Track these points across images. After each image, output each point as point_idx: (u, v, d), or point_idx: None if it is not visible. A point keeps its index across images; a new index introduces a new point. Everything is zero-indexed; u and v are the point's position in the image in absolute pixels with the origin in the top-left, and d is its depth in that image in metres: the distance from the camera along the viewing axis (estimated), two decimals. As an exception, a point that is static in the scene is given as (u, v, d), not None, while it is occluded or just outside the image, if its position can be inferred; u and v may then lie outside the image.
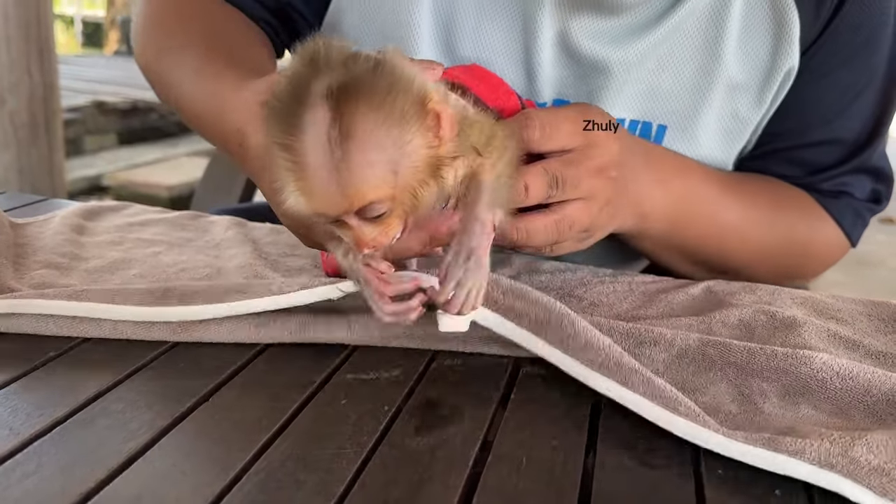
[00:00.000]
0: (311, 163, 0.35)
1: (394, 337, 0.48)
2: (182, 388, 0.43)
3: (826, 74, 0.66)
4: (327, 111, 0.35)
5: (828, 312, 0.57)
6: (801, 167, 0.71)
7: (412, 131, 0.36)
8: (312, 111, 0.35)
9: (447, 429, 0.40)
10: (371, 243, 0.39)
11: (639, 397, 0.39)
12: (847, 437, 0.37)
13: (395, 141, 0.36)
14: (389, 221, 0.38)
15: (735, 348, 0.46)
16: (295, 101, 0.35)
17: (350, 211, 0.37)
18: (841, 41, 0.65)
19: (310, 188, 0.36)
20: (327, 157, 0.35)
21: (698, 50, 0.64)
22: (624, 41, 0.64)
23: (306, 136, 0.35)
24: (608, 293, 0.60)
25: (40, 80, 2.29)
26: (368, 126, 0.35)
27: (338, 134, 0.34)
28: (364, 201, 0.36)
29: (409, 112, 0.36)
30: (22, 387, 0.43)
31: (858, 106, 0.68)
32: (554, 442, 0.40)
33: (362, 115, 0.35)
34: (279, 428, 0.40)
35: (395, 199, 0.37)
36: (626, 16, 0.63)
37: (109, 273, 0.58)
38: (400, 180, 0.37)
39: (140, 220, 0.73)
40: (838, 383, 0.43)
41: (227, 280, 0.57)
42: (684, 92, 0.66)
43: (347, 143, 0.35)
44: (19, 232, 0.65)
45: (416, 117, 0.37)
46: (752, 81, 0.66)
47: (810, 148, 0.70)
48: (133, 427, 0.39)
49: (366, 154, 0.35)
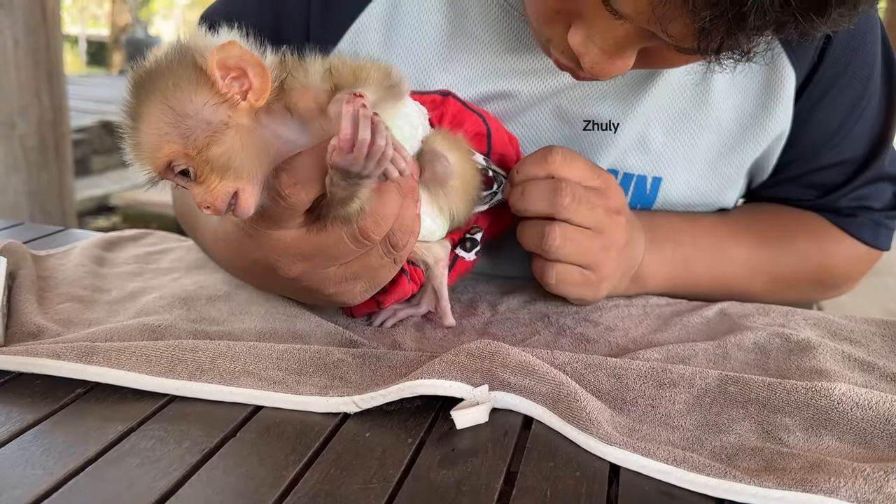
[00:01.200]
0: (129, 142, 0.44)
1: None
2: (209, 423, 0.44)
3: (825, 103, 0.67)
4: (126, 109, 0.44)
5: (841, 334, 0.58)
6: (815, 189, 0.71)
7: (184, 95, 0.42)
8: (126, 113, 0.44)
9: (471, 460, 0.41)
10: (202, 202, 0.43)
11: (662, 464, 0.40)
12: (880, 471, 0.38)
13: (168, 108, 0.42)
14: (208, 180, 0.43)
15: (755, 384, 0.47)
16: (124, 110, 0.44)
17: (160, 170, 0.44)
18: (834, 70, 0.66)
19: (137, 160, 0.44)
20: (133, 131, 0.43)
21: (688, 101, 0.66)
22: (617, 99, 0.65)
23: (126, 127, 0.44)
24: (623, 317, 0.61)
25: (49, 103, 2.31)
26: (144, 105, 0.43)
27: (130, 120, 0.43)
28: (161, 160, 0.43)
29: (182, 80, 0.42)
30: (53, 425, 0.44)
31: (862, 124, 0.69)
32: (577, 473, 0.40)
33: (142, 98, 0.43)
34: (306, 462, 0.40)
35: (190, 157, 0.43)
36: None
37: (130, 301, 0.59)
38: (188, 141, 0.42)
39: (159, 248, 0.74)
40: (859, 413, 0.44)
41: (243, 312, 0.57)
42: (676, 144, 0.67)
43: (136, 121, 0.43)
44: (41, 265, 0.66)
45: (189, 83, 0.42)
46: (744, 128, 0.67)
47: (821, 172, 0.70)
48: (163, 465, 0.40)
49: (147, 125, 0.43)
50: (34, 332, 0.53)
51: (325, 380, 0.47)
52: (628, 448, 0.41)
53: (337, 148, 0.42)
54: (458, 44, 0.66)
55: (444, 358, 0.47)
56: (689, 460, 0.40)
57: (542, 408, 0.45)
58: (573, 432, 0.43)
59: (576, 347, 0.55)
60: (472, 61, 0.66)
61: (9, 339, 0.52)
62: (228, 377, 0.47)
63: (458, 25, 0.66)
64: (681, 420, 0.45)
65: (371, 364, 0.49)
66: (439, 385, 0.45)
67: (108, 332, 0.51)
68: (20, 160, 2.31)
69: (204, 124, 0.42)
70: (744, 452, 0.41)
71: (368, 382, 0.47)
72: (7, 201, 2.36)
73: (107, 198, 4.64)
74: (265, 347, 0.50)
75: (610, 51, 0.50)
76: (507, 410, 0.46)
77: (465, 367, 0.46)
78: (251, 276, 0.58)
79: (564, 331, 0.58)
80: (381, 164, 0.43)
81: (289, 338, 0.54)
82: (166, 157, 0.43)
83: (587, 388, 0.47)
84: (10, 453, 0.41)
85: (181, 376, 0.47)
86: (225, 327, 0.54)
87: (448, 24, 0.66)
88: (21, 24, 2.24)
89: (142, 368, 0.47)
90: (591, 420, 0.42)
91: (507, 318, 0.60)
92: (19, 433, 0.42)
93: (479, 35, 0.66)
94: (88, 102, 5.78)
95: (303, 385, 0.47)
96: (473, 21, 0.65)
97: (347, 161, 0.42)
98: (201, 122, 0.42)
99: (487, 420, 0.45)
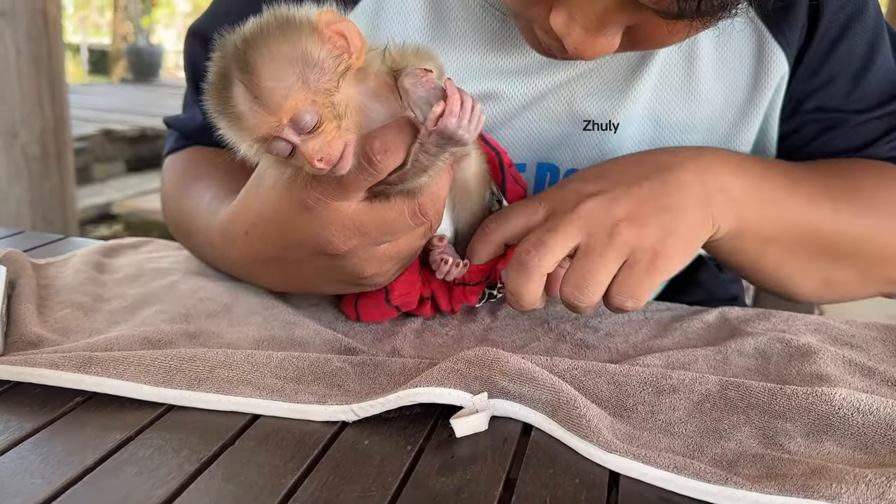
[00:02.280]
0: (240, 106, 0.44)
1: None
2: (207, 431, 0.44)
3: (828, 57, 0.66)
4: (237, 69, 0.43)
5: (842, 339, 0.58)
6: (851, 146, 0.68)
7: (305, 47, 0.44)
8: (231, 78, 0.44)
9: (470, 468, 0.41)
10: (319, 154, 0.44)
11: (662, 472, 0.40)
12: (881, 476, 0.38)
13: (290, 59, 0.43)
14: (327, 130, 0.44)
15: (755, 390, 0.47)
16: (220, 82, 0.44)
17: (282, 123, 0.44)
18: (831, 37, 0.65)
19: (246, 124, 0.44)
20: (247, 96, 0.43)
21: (678, 94, 0.66)
22: (610, 96, 0.66)
23: (231, 95, 0.44)
24: (623, 323, 0.61)
25: (51, 112, 2.32)
26: (264, 58, 0.43)
27: (246, 76, 0.43)
28: (286, 110, 0.43)
29: (298, 35, 0.44)
30: (51, 433, 0.44)
31: (878, 71, 0.67)
32: (576, 480, 0.40)
33: (257, 54, 0.43)
34: (305, 470, 0.40)
35: (316, 104, 0.44)
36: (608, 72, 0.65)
37: (131, 313, 0.59)
38: (313, 87, 0.44)
39: (158, 255, 0.74)
40: (860, 419, 0.44)
41: (242, 323, 0.57)
42: (672, 138, 0.67)
43: (253, 76, 0.43)
44: (41, 273, 0.66)
45: (307, 37, 0.44)
46: (737, 115, 0.67)
47: (851, 130, 0.68)
48: (161, 473, 0.40)
49: (270, 75, 0.43)
50: (34, 341, 0.53)
51: (324, 388, 0.47)
52: (629, 455, 0.41)
53: (447, 113, 0.44)
54: (441, 44, 0.66)
55: (443, 366, 0.47)
56: (690, 467, 0.40)
57: (541, 415, 0.45)
58: (573, 440, 0.43)
59: (576, 353, 0.55)
60: (456, 61, 0.66)
61: (8, 348, 0.52)
62: (227, 386, 0.47)
63: (441, 26, 0.66)
64: (681, 426, 0.44)
65: (370, 372, 0.49)
66: (438, 393, 0.44)
67: (107, 343, 0.51)
68: (22, 169, 2.32)
69: (329, 71, 0.44)
70: (745, 459, 0.41)
71: (367, 390, 0.47)
72: (9, 210, 2.36)
73: (108, 206, 4.64)
74: (263, 356, 0.50)
75: (593, 28, 0.50)
76: (506, 418, 0.46)
77: (464, 375, 0.46)
78: (278, 266, 0.57)
79: (564, 337, 0.58)
80: (479, 128, 0.46)
81: (287, 345, 0.54)
82: (294, 104, 0.43)
83: (587, 395, 0.47)
84: (8, 462, 0.40)
85: (179, 386, 0.47)
86: (224, 338, 0.54)
87: (430, 25, 0.67)
88: (23, 33, 2.25)
89: (140, 378, 0.47)
90: (590, 427, 0.42)
91: (507, 325, 0.60)
92: (18, 442, 0.42)
93: (462, 35, 0.66)
94: (90, 111, 5.80)
95: (301, 393, 0.46)
96: (456, 21, 0.66)
97: (455, 125, 0.45)
98: (327, 70, 0.44)
99: (487, 428, 0.45)
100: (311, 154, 0.44)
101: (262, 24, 0.44)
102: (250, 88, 0.43)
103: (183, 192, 0.71)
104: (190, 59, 0.75)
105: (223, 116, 0.45)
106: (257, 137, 0.45)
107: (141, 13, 11.45)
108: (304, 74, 0.44)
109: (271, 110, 0.43)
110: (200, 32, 0.74)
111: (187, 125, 0.76)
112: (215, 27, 0.54)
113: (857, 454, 0.42)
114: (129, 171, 5.37)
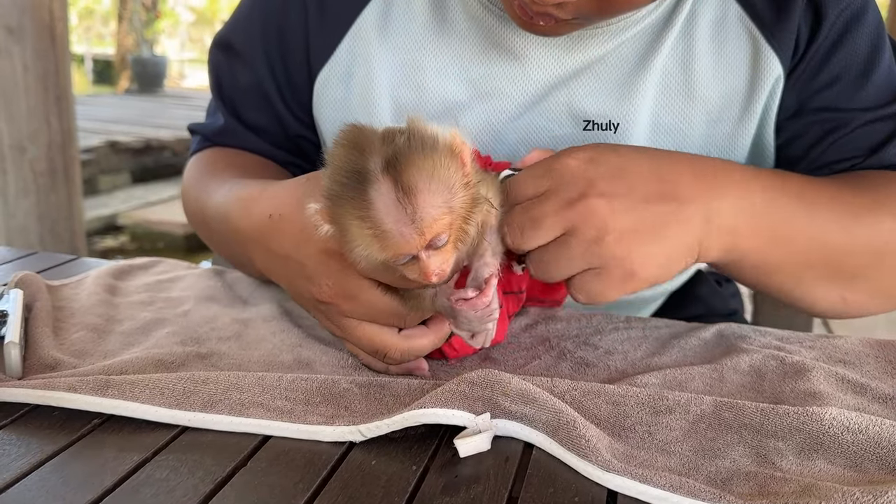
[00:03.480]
0: (390, 220, 0.44)
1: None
2: (220, 452, 0.46)
3: (828, 59, 0.67)
4: (390, 182, 0.44)
5: (836, 355, 0.59)
6: (859, 148, 0.69)
7: (452, 173, 0.46)
8: (377, 185, 0.44)
9: (473, 487, 0.42)
10: (437, 269, 0.46)
11: (659, 490, 0.41)
12: (869, 494, 0.39)
13: (443, 184, 0.45)
14: (447, 250, 0.46)
15: (749, 410, 0.48)
16: (357, 181, 0.44)
17: (423, 245, 0.45)
18: (831, 27, 0.67)
19: (391, 240, 0.45)
20: (401, 212, 0.44)
21: (678, 93, 0.69)
22: (610, 96, 0.68)
23: (379, 204, 0.44)
24: (622, 340, 0.62)
25: (58, 127, 2.35)
26: (423, 181, 0.44)
27: (403, 195, 0.44)
28: (434, 234, 0.45)
29: (445, 160, 0.45)
30: (71, 456, 0.45)
31: (881, 72, 0.68)
32: (576, 499, 0.42)
33: (416, 175, 0.44)
34: (315, 490, 0.42)
35: (451, 228, 0.46)
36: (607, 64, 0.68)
37: (144, 335, 0.61)
38: (454, 212, 0.46)
39: (168, 277, 0.76)
40: (849, 437, 0.45)
41: (252, 348, 0.59)
42: (669, 132, 0.69)
43: (413, 198, 0.44)
44: (55, 295, 0.68)
45: (451, 162, 0.46)
46: (732, 101, 0.69)
47: (857, 130, 0.68)
48: (178, 495, 0.41)
49: (428, 200, 0.44)
50: (51, 364, 0.55)
51: (332, 409, 0.49)
52: (626, 475, 0.42)
53: (466, 300, 0.50)
54: (443, 43, 0.69)
55: (447, 387, 0.48)
56: (685, 486, 0.41)
57: (542, 435, 0.46)
58: (573, 459, 0.44)
59: (576, 371, 0.57)
60: (457, 60, 0.69)
61: (26, 371, 0.54)
62: (238, 408, 0.49)
63: (443, 25, 0.70)
64: (677, 446, 0.46)
65: (376, 393, 0.51)
66: (442, 414, 0.46)
67: (122, 365, 0.53)
68: (30, 184, 2.34)
69: (469, 200, 0.47)
70: (738, 477, 0.43)
71: (374, 411, 0.49)
72: (17, 224, 2.39)
73: (114, 217, 4.67)
74: (273, 378, 0.51)
75: None
76: (508, 437, 0.47)
77: (468, 396, 0.48)
78: (273, 257, 0.59)
79: (565, 355, 0.59)
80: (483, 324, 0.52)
81: (295, 366, 0.56)
82: (442, 228, 0.45)
83: (586, 415, 0.48)
84: (31, 484, 0.42)
85: (193, 408, 0.48)
86: (234, 360, 0.56)
87: (434, 25, 0.70)
88: (30, 49, 2.28)
89: (155, 400, 0.49)
90: (590, 447, 0.44)
91: (509, 343, 0.62)
92: (39, 465, 0.44)
93: (464, 33, 0.69)
94: (95, 122, 5.84)
95: (310, 415, 0.48)
96: (458, 20, 0.69)
97: (468, 316, 0.51)
98: (468, 198, 0.46)
99: (489, 448, 0.46)
100: (431, 270, 0.46)
101: (405, 143, 0.45)
102: (405, 209, 0.44)
103: (203, 180, 0.74)
104: (214, 69, 0.80)
105: (358, 220, 0.45)
106: (395, 253, 0.45)
107: (145, 24, 11.52)
108: (451, 201, 0.45)
109: (421, 233, 0.44)
110: (224, 43, 0.79)
111: (209, 128, 0.81)
112: (238, 36, 0.54)
113: (846, 472, 0.44)
114: (135, 183, 5.41)
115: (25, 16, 2.29)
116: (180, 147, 5.56)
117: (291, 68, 0.75)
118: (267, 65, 0.76)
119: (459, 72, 0.70)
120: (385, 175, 0.44)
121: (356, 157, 0.45)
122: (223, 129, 0.80)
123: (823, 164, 0.69)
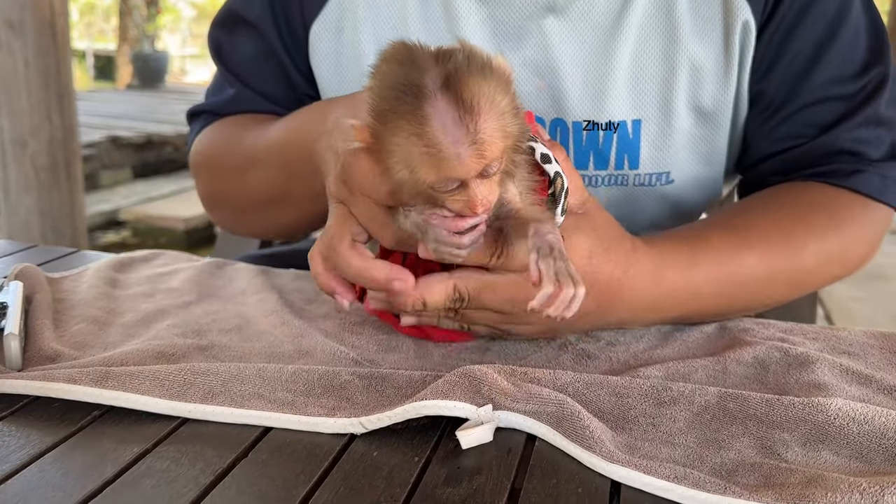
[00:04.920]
0: (448, 139, 0.41)
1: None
2: (221, 444, 0.45)
3: (796, 33, 0.68)
4: (451, 98, 0.41)
5: (840, 347, 0.59)
6: (811, 128, 0.69)
7: (508, 99, 0.44)
8: (435, 101, 0.41)
9: (476, 478, 0.42)
10: (484, 200, 0.44)
11: (663, 481, 0.41)
12: (876, 486, 0.39)
13: (503, 108, 0.43)
14: (495, 181, 0.44)
15: (753, 400, 0.48)
16: (413, 95, 0.41)
17: (479, 170, 0.43)
18: None
19: (446, 161, 0.42)
20: (462, 132, 0.41)
21: (660, 37, 0.69)
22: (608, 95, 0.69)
23: (437, 122, 0.41)
24: (624, 332, 0.62)
25: (60, 123, 2.35)
26: (485, 101, 0.42)
27: (466, 113, 0.41)
28: (491, 158, 0.43)
29: (503, 85, 0.43)
30: (70, 447, 0.45)
31: (838, 53, 0.68)
32: (579, 489, 0.41)
33: (479, 93, 0.42)
34: (316, 482, 0.42)
35: (503, 158, 0.44)
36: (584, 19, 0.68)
37: (144, 327, 0.61)
38: (507, 139, 0.44)
39: (169, 269, 0.75)
40: (855, 428, 0.45)
41: (253, 340, 0.59)
42: (652, 82, 0.70)
43: (476, 116, 0.42)
44: (56, 287, 0.68)
45: (507, 87, 0.44)
46: (713, 58, 0.69)
47: (813, 106, 0.69)
48: (178, 486, 0.41)
49: (490, 122, 0.42)
50: (51, 355, 0.54)
51: (333, 401, 0.49)
52: (630, 466, 0.42)
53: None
54: (435, 26, 0.70)
55: (449, 378, 0.48)
56: (690, 477, 0.41)
57: (545, 426, 0.46)
58: (576, 450, 0.44)
59: (577, 363, 0.57)
60: (443, 11, 0.70)
61: (26, 363, 0.54)
62: (239, 399, 0.48)
63: (446, 16, 0.70)
64: (681, 437, 0.46)
65: (377, 385, 0.51)
66: (444, 406, 0.46)
67: (122, 357, 0.53)
68: (32, 180, 2.35)
69: (520, 129, 0.45)
70: (743, 468, 0.42)
71: (375, 403, 0.49)
72: (19, 220, 2.39)
73: (115, 213, 4.67)
74: (274, 370, 0.51)
75: None
76: (510, 429, 0.47)
77: (469, 388, 0.47)
78: None
79: (566, 346, 0.59)
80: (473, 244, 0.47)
81: (296, 357, 0.56)
82: (500, 153, 0.43)
83: (589, 407, 0.48)
84: (30, 476, 0.42)
85: (193, 399, 0.48)
86: (235, 351, 0.56)
87: (439, 16, 0.70)
88: (32, 46, 2.28)
89: (155, 392, 0.48)
90: (593, 438, 0.44)
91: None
92: (39, 456, 0.44)
93: (469, 29, 0.70)
94: (96, 118, 5.83)
95: (311, 406, 0.48)
96: (464, 11, 0.70)
97: (436, 235, 0.46)
98: (520, 127, 0.45)
99: (491, 439, 0.46)
100: (479, 198, 0.43)
101: (463, 62, 0.42)
102: (467, 126, 0.41)
103: (237, 133, 0.76)
104: (216, 48, 0.82)
105: (413, 138, 0.42)
106: (446, 177, 0.43)
107: (146, 19, 11.51)
108: (507, 126, 0.43)
109: (481, 156, 0.42)
110: (227, 18, 0.81)
111: (216, 104, 0.82)
112: (240, 4, 0.62)
113: (852, 463, 0.43)
114: (136, 178, 5.41)
115: (27, 11, 2.29)
116: (182, 142, 5.55)
117: (293, 23, 0.76)
118: (272, 18, 0.77)
119: (445, 23, 0.71)
120: (445, 91, 0.41)
121: (410, 72, 0.42)
122: (234, 99, 0.80)
123: (777, 139, 0.71)
